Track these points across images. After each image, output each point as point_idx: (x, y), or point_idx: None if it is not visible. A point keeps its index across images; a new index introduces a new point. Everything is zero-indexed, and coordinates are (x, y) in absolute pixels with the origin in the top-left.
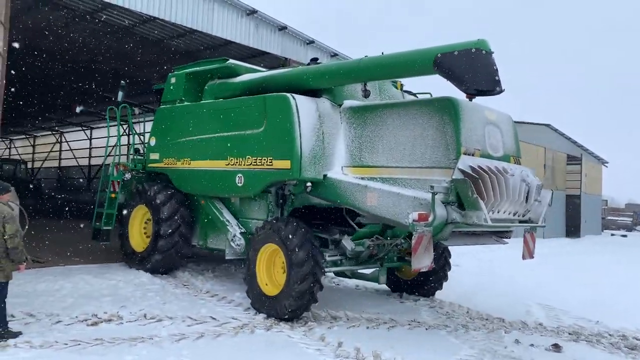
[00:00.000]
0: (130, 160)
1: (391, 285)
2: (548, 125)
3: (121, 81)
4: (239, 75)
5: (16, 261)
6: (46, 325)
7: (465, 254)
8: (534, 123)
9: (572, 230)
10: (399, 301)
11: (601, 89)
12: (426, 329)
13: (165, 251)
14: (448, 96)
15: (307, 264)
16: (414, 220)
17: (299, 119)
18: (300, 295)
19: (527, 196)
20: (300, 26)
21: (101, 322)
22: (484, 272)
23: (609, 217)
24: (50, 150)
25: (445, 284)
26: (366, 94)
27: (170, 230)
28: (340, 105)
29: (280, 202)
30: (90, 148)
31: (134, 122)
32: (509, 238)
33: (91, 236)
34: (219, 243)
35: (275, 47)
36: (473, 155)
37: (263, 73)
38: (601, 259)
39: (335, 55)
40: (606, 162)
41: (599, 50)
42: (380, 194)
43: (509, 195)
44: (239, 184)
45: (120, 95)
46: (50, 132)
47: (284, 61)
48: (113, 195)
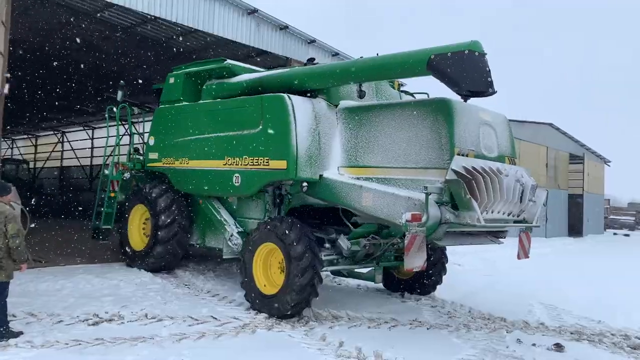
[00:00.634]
0: (129, 160)
1: (389, 285)
2: (550, 124)
3: (120, 81)
4: (236, 75)
5: (18, 261)
6: (47, 325)
7: (468, 254)
8: (536, 122)
9: (575, 229)
10: (400, 301)
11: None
12: (428, 329)
13: (165, 242)
14: (442, 97)
15: (306, 257)
16: (407, 221)
17: (295, 119)
18: (302, 289)
19: (522, 196)
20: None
21: (102, 322)
22: (485, 272)
23: (611, 216)
24: (52, 150)
25: (447, 283)
26: (361, 94)
27: (168, 221)
28: (336, 106)
29: (277, 202)
30: (92, 148)
31: (134, 122)
32: (505, 238)
33: (90, 235)
34: (217, 242)
35: (276, 47)
36: (467, 156)
37: (260, 73)
38: (604, 259)
39: (337, 54)
40: (609, 161)
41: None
42: (375, 194)
43: (502, 195)
44: (236, 184)
45: (119, 95)
46: (52, 132)
47: (285, 61)
48: (112, 194)
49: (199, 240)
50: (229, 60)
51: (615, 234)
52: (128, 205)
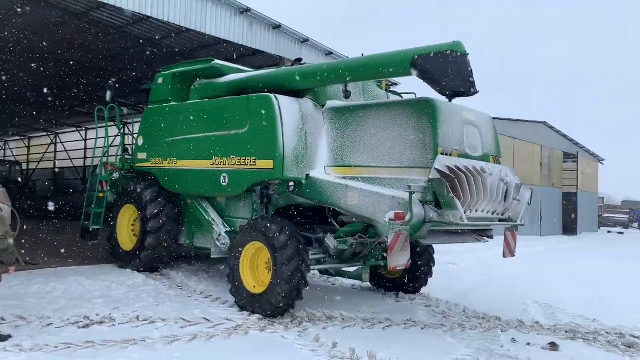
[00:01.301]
0: (118, 160)
1: (378, 283)
2: (544, 122)
3: (109, 80)
4: (224, 75)
5: (6, 263)
6: (37, 328)
7: (463, 253)
8: (530, 121)
9: (569, 227)
10: (394, 300)
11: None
12: (422, 329)
13: (153, 242)
14: (426, 97)
15: (289, 244)
16: (390, 220)
17: (281, 119)
18: (290, 277)
19: (506, 195)
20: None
21: (93, 325)
22: (480, 271)
23: (605, 215)
24: (45, 152)
25: (441, 283)
26: (347, 94)
27: (157, 221)
28: (323, 106)
29: (265, 202)
30: (86, 149)
31: (125, 122)
32: (491, 237)
33: (80, 235)
34: (205, 242)
35: (269, 46)
36: (450, 155)
37: (247, 73)
38: (598, 257)
39: (330, 53)
40: (602, 160)
41: (597, 47)
42: (360, 193)
43: (486, 194)
44: (224, 184)
45: (108, 95)
46: (45, 133)
47: (278, 60)
48: (101, 194)
49: (188, 240)
50: (217, 60)
51: (609, 232)
52: (117, 205)
